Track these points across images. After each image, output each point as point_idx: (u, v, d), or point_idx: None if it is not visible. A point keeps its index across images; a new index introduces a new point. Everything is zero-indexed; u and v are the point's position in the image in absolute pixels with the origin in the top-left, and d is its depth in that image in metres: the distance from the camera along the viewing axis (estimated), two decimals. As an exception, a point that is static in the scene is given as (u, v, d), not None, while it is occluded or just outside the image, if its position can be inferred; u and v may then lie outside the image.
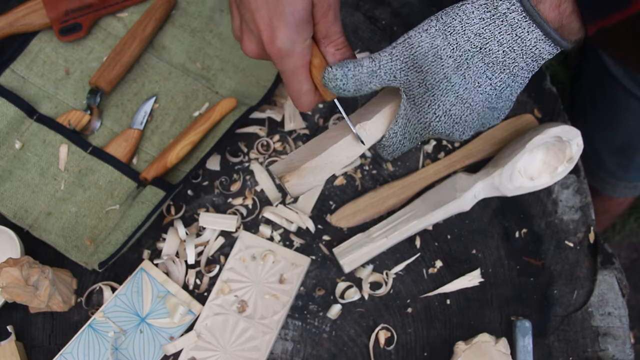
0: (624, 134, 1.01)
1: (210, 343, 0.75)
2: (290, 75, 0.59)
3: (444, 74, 0.56)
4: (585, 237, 0.80)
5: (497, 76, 0.56)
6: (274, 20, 0.56)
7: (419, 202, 0.79)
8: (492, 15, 0.54)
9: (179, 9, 0.88)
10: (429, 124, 0.59)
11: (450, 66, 0.55)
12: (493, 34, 0.54)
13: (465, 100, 0.57)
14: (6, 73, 0.84)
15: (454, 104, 0.57)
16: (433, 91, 0.57)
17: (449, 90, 0.56)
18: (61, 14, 0.84)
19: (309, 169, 0.61)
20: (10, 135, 0.80)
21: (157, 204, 0.76)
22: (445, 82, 0.56)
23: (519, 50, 0.55)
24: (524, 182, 0.78)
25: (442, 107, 0.57)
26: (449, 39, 0.55)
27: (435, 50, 0.55)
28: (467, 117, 0.59)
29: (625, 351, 0.76)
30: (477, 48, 0.55)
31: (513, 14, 0.53)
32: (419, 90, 0.57)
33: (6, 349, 0.73)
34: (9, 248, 0.77)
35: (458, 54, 0.55)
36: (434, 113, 0.58)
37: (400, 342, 0.77)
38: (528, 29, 0.54)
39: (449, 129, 0.59)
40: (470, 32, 0.54)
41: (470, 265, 0.79)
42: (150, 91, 0.85)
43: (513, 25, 0.54)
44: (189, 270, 0.79)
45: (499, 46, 0.55)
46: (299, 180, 0.61)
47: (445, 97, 0.57)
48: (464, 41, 0.55)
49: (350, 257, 0.77)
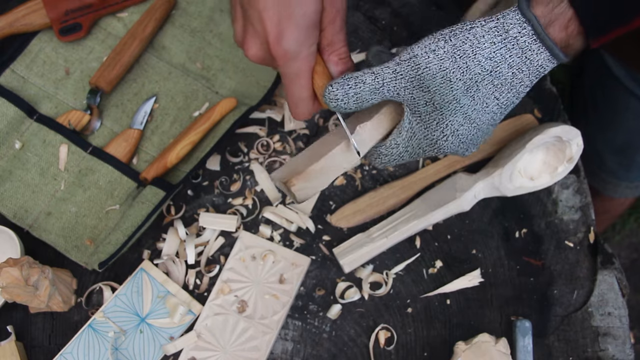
0: (625, 134, 1.01)
1: (210, 343, 0.75)
2: (292, 79, 0.58)
3: (454, 96, 0.56)
4: (585, 237, 0.80)
5: (504, 96, 0.56)
6: (282, 21, 0.54)
7: (419, 202, 0.79)
8: (503, 39, 0.54)
9: (179, 9, 0.88)
10: (436, 142, 0.59)
11: (460, 89, 0.55)
12: (504, 58, 0.54)
13: (473, 120, 0.57)
14: (6, 73, 0.84)
15: (462, 124, 0.57)
16: (441, 111, 0.57)
17: (458, 111, 0.57)
18: (61, 14, 0.84)
19: (315, 172, 0.59)
20: (10, 135, 0.80)
21: (157, 204, 0.76)
22: (455, 103, 0.56)
23: (527, 71, 0.55)
24: (524, 182, 0.78)
25: (450, 126, 0.58)
26: (459, 62, 0.54)
27: (444, 73, 0.55)
28: (474, 135, 0.59)
29: (625, 351, 0.76)
30: (487, 71, 0.55)
31: (524, 37, 0.54)
32: (426, 109, 0.57)
33: (6, 349, 0.73)
34: (9, 248, 0.77)
35: (468, 77, 0.55)
36: (441, 132, 0.58)
37: (400, 342, 0.77)
38: (537, 51, 0.54)
39: (455, 147, 0.59)
40: (481, 55, 0.54)
41: (470, 265, 0.79)
42: (150, 91, 0.85)
43: (523, 48, 0.54)
44: (189, 270, 0.79)
45: (509, 68, 0.55)
46: (305, 183, 0.59)
47: (453, 117, 0.57)
48: (474, 65, 0.55)
49: (350, 257, 0.77)
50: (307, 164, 0.59)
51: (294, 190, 0.59)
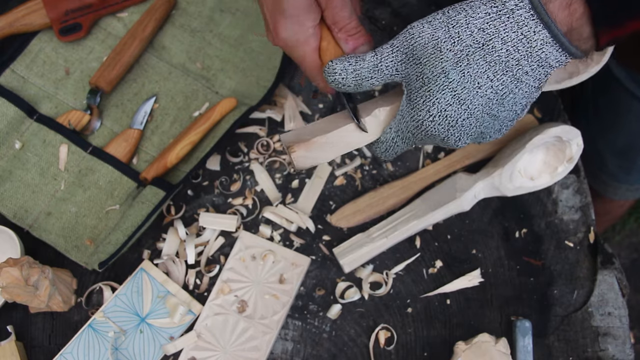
0: (627, 136, 1.01)
1: (210, 343, 0.75)
2: (300, 62, 0.60)
3: (442, 68, 0.53)
4: (585, 237, 0.80)
5: (498, 78, 0.53)
6: (275, 13, 0.57)
7: (419, 202, 0.79)
8: (498, 10, 0.51)
9: (179, 9, 0.88)
10: (422, 123, 0.56)
11: (450, 60, 0.53)
12: (497, 30, 0.52)
13: (463, 100, 0.54)
14: (6, 73, 0.84)
15: (450, 104, 0.54)
16: (429, 86, 0.54)
17: (446, 87, 0.53)
18: (61, 14, 0.84)
19: (318, 144, 0.59)
20: (10, 135, 0.80)
21: (157, 204, 0.76)
22: (443, 77, 0.53)
23: (524, 51, 0.52)
24: (524, 182, 0.78)
25: (437, 104, 0.54)
26: (451, 32, 0.53)
27: (436, 42, 0.53)
28: (464, 121, 0.55)
29: (625, 351, 0.76)
30: (479, 44, 0.52)
31: (520, 10, 0.51)
32: (416, 84, 0.55)
33: (6, 349, 0.73)
34: (9, 248, 0.77)
35: (459, 48, 0.53)
36: (427, 111, 0.55)
37: (400, 342, 0.77)
38: (535, 29, 0.51)
39: (444, 132, 0.55)
40: (474, 26, 0.52)
41: (470, 265, 0.79)
42: (150, 91, 0.85)
43: (519, 22, 0.51)
44: (189, 270, 0.79)
45: (502, 44, 0.52)
46: (305, 152, 0.59)
47: (441, 94, 0.54)
48: (466, 35, 0.52)
49: (350, 257, 0.77)
50: (314, 135, 0.59)
51: (293, 157, 0.59)
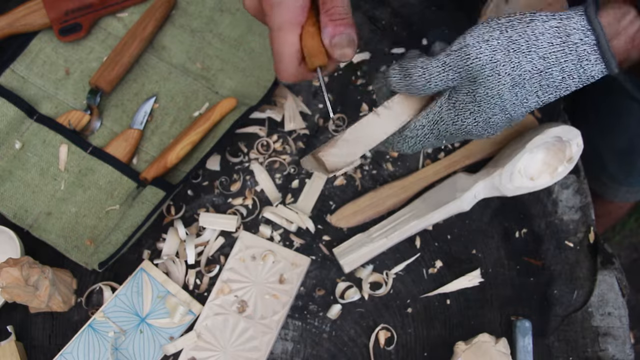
0: (627, 139, 1.00)
1: (210, 343, 0.75)
2: (276, 31, 0.56)
3: (498, 91, 0.54)
4: (585, 237, 0.80)
5: (547, 96, 0.54)
6: None
7: (419, 202, 0.79)
8: (562, 42, 0.51)
9: (179, 9, 0.88)
10: (465, 128, 0.57)
11: (507, 84, 0.53)
12: (558, 61, 0.52)
13: (508, 112, 0.55)
14: (6, 73, 0.84)
15: (496, 114, 0.55)
16: (480, 103, 0.55)
17: (497, 105, 0.55)
18: (61, 14, 0.84)
19: (342, 140, 0.58)
20: (10, 135, 0.80)
21: (157, 204, 0.76)
22: (497, 98, 0.54)
23: (577, 79, 0.53)
24: (524, 182, 0.78)
25: (484, 116, 0.56)
26: (511, 57, 0.52)
27: (494, 65, 0.53)
28: (503, 124, 0.57)
29: (625, 351, 0.76)
30: (537, 71, 0.53)
31: (584, 46, 0.51)
32: (464, 98, 0.56)
33: (6, 349, 0.73)
34: (9, 248, 0.77)
35: (517, 73, 0.53)
36: (474, 119, 0.56)
37: (400, 342, 0.77)
38: (594, 62, 0.51)
39: (483, 133, 0.58)
40: (536, 54, 0.52)
41: (470, 265, 0.79)
42: (150, 91, 0.85)
43: (581, 56, 0.51)
44: (189, 270, 0.79)
45: (560, 73, 0.52)
46: (332, 150, 0.57)
47: (490, 109, 0.55)
48: (526, 62, 0.52)
49: (350, 257, 0.77)
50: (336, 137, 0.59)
51: (323, 157, 0.57)
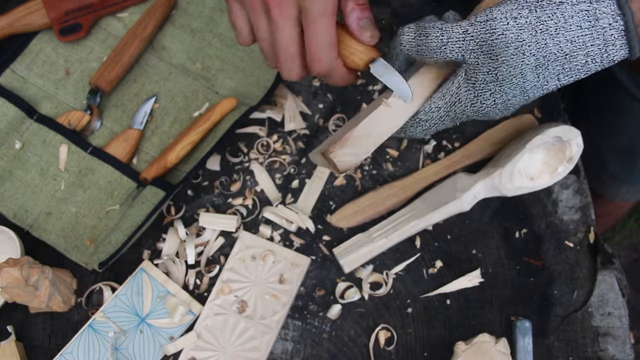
0: (627, 138, 1.01)
1: (210, 343, 0.75)
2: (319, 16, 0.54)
3: (521, 71, 0.53)
4: (585, 237, 0.80)
5: (567, 79, 0.54)
6: None
7: (419, 202, 0.79)
8: (591, 26, 0.51)
9: (179, 9, 0.88)
10: (484, 110, 0.56)
11: (530, 64, 0.52)
12: (585, 46, 0.51)
13: (527, 93, 0.55)
14: (6, 73, 0.84)
15: (516, 96, 0.55)
16: (502, 82, 0.54)
17: (519, 85, 0.54)
18: (61, 14, 0.84)
19: (352, 138, 0.56)
20: (10, 135, 0.80)
21: (157, 204, 0.76)
22: (520, 77, 0.53)
23: (599, 62, 0.52)
24: (524, 182, 0.78)
25: (504, 97, 0.55)
26: (538, 37, 0.51)
27: (520, 44, 0.52)
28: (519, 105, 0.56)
29: (625, 351, 0.76)
30: (563, 54, 0.52)
31: (612, 31, 0.50)
32: (485, 77, 0.54)
33: (6, 349, 0.73)
34: (9, 248, 0.77)
35: (542, 54, 0.52)
36: (493, 101, 0.55)
37: (400, 342, 0.77)
38: (620, 48, 0.51)
39: (500, 113, 0.57)
40: (563, 37, 0.51)
41: (470, 265, 0.79)
42: (150, 91, 0.85)
43: (607, 41, 0.51)
44: (189, 270, 0.79)
45: (585, 57, 0.52)
46: (342, 149, 0.56)
47: (511, 90, 0.54)
48: (553, 44, 0.51)
49: (350, 257, 0.77)
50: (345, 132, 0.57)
51: (334, 158, 0.56)
